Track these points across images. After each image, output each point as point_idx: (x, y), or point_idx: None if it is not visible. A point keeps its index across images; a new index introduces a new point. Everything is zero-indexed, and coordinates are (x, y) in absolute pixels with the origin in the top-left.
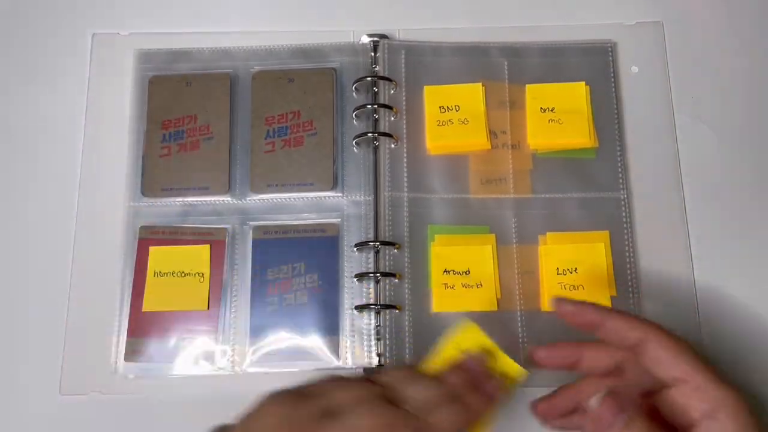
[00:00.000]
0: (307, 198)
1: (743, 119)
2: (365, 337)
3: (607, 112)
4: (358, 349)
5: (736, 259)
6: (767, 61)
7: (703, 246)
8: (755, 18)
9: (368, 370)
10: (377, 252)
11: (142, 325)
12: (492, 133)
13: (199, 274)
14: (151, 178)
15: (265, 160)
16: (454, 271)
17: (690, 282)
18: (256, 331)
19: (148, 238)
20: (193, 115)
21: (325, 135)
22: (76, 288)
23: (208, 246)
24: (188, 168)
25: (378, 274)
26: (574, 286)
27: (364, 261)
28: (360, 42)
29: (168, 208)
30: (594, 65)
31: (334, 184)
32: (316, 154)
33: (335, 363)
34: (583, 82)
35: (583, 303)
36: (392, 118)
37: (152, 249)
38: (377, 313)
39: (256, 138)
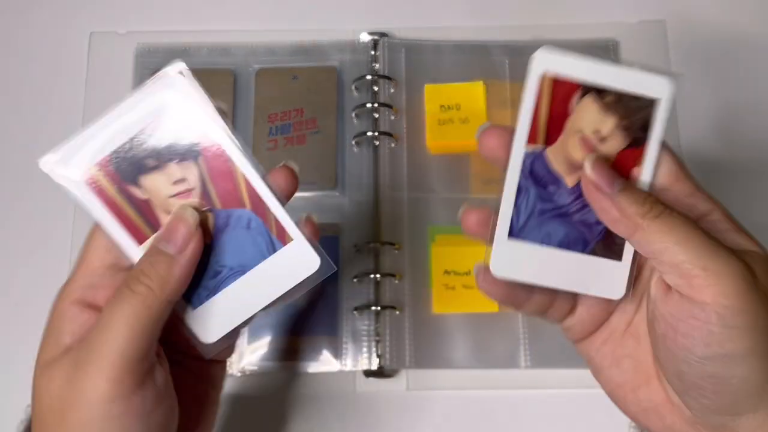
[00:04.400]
0: (308, 197)
1: (746, 118)
2: (365, 337)
3: None
4: (357, 349)
5: None
6: None
7: None
8: (757, 16)
9: (368, 373)
10: (377, 252)
11: None
12: None
13: None
14: None
15: (267, 158)
16: (454, 271)
17: None
18: (255, 330)
19: None
20: None
21: (328, 134)
22: None
23: None
24: None
25: (378, 275)
26: None
27: (364, 261)
28: (360, 40)
29: None
30: None
31: (336, 183)
32: (319, 153)
33: (334, 364)
34: None
35: None
36: (392, 117)
37: None
38: (377, 313)
39: (259, 135)
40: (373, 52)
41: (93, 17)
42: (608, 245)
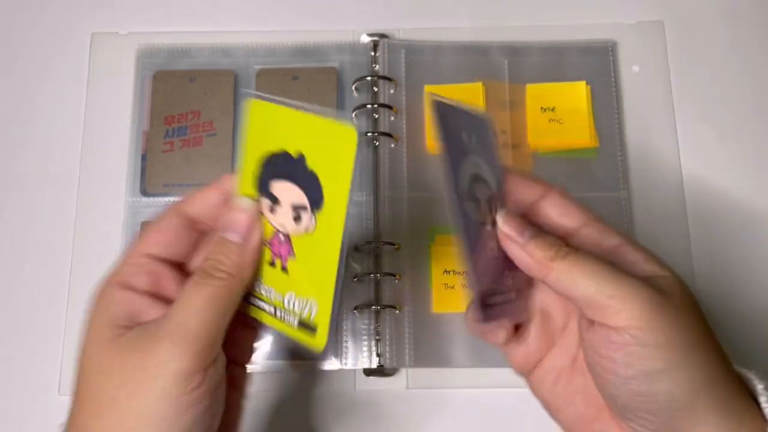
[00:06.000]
0: None
1: (744, 118)
2: (365, 336)
3: (607, 112)
4: (357, 349)
5: (737, 260)
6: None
7: (703, 246)
8: (756, 17)
9: (368, 372)
10: (377, 252)
11: None
12: None
13: None
14: (153, 174)
15: None
16: (454, 271)
17: (690, 281)
18: None
19: None
20: (196, 111)
21: None
22: (76, 286)
23: None
24: (191, 164)
25: (378, 275)
26: None
27: (365, 261)
28: (360, 41)
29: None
30: (595, 65)
31: None
32: None
33: (334, 362)
34: (584, 82)
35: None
36: (392, 118)
37: None
38: (377, 313)
39: None
40: (373, 53)
41: (94, 18)
42: None
